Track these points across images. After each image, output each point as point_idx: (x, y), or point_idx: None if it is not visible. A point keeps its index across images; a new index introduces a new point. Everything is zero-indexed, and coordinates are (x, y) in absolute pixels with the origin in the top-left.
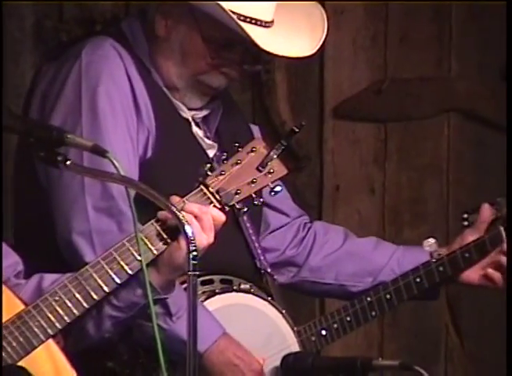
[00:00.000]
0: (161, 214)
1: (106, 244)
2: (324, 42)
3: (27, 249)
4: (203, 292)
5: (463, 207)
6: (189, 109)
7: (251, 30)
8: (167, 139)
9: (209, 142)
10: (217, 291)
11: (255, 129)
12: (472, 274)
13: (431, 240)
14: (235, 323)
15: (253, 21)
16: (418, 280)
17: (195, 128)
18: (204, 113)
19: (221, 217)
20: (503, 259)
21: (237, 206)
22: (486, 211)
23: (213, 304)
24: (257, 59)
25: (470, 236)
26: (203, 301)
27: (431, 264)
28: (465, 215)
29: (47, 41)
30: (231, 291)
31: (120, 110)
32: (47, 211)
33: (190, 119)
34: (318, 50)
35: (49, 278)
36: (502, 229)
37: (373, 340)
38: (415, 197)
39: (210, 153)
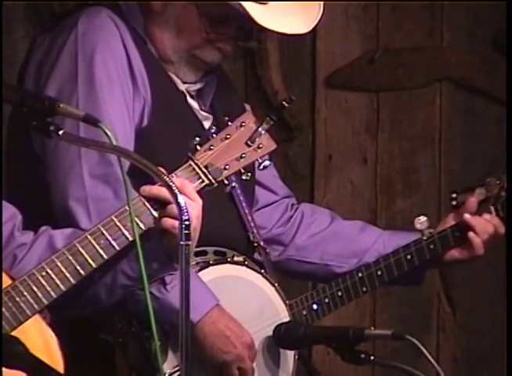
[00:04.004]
0: (143, 190)
1: (102, 210)
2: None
3: (22, 213)
4: (197, 263)
5: (455, 176)
6: (183, 82)
7: (248, 4)
8: (162, 108)
9: (204, 113)
10: (211, 262)
11: (248, 107)
12: (455, 252)
13: (423, 218)
14: (228, 294)
15: None
16: (409, 257)
17: (190, 100)
18: (198, 86)
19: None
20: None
21: (225, 181)
22: (472, 204)
23: (207, 275)
24: (252, 35)
25: (453, 221)
26: (197, 272)
27: (422, 241)
28: (453, 195)
29: (39, 9)
30: (225, 263)
31: (117, 78)
32: (41, 179)
33: (185, 91)
34: (312, 30)
35: (59, 236)
36: (492, 208)
37: (365, 310)
38: (407, 167)
39: (206, 124)
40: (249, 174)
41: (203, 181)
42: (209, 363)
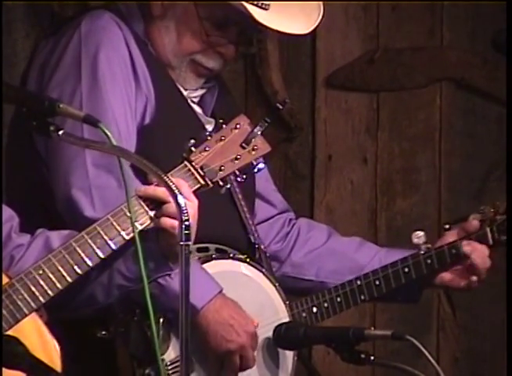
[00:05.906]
0: (139, 190)
1: (106, 199)
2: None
3: (20, 215)
4: (199, 258)
5: (455, 176)
6: (185, 89)
7: (249, 7)
8: (165, 108)
9: (207, 118)
10: (213, 256)
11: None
12: (446, 276)
13: (420, 233)
14: (229, 289)
15: (249, 0)
16: (406, 270)
17: (192, 105)
18: (200, 92)
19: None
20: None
21: (221, 183)
22: (473, 225)
23: (209, 268)
24: (252, 41)
25: (451, 238)
26: None
27: (419, 255)
28: (446, 226)
29: (39, 9)
30: (227, 258)
31: (120, 75)
32: (42, 181)
33: (187, 98)
34: (312, 30)
35: (56, 237)
36: (488, 229)
37: (365, 310)
38: (407, 167)
39: (209, 128)
40: (244, 176)
41: (198, 182)
42: (211, 351)
